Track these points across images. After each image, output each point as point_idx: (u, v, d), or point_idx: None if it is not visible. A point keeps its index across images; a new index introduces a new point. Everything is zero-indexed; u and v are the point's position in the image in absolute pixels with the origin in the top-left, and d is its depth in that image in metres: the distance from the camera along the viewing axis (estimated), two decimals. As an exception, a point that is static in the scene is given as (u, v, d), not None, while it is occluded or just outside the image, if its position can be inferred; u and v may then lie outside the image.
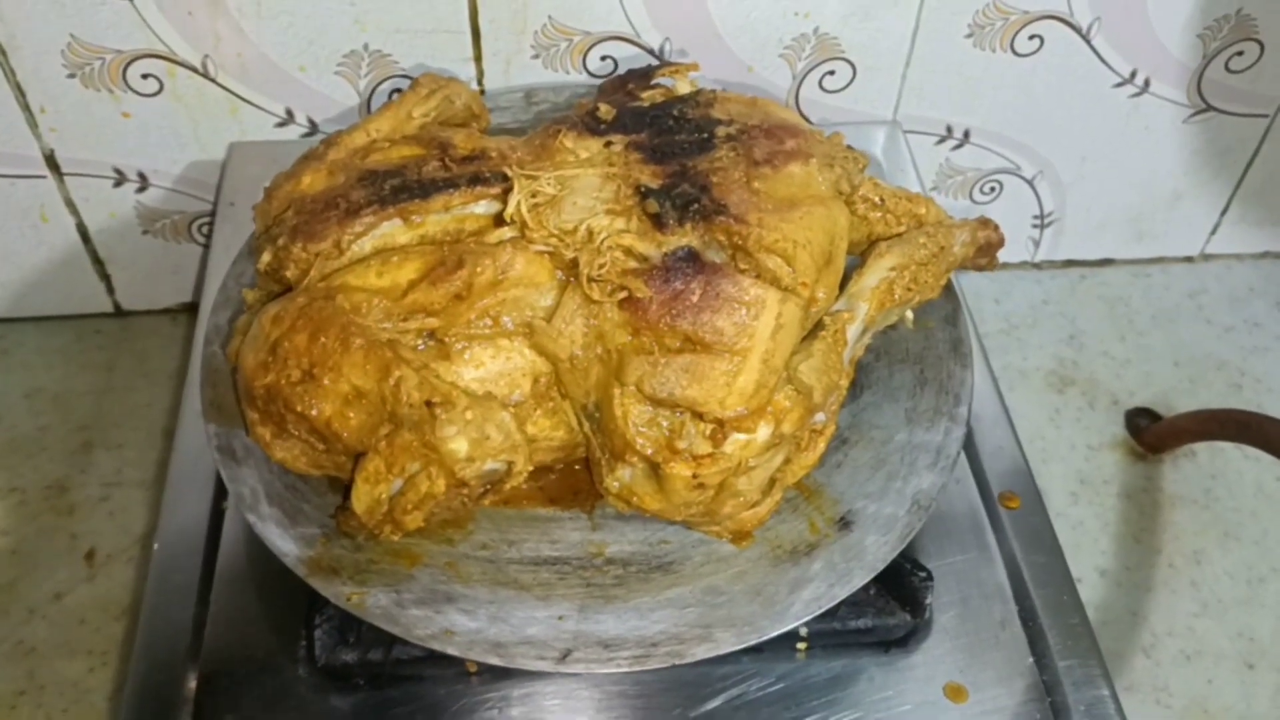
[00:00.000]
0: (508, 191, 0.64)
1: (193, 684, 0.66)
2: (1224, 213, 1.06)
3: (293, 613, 0.68)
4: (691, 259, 0.62)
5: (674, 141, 0.67)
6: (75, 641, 0.81)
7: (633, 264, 0.62)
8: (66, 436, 0.93)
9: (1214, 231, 1.07)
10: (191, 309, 1.01)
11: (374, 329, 0.60)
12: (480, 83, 0.89)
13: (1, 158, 0.89)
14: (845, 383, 0.67)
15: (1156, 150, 1.00)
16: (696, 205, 0.63)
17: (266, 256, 0.65)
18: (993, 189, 1.02)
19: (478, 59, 0.88)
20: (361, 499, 0.60)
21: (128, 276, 0.99)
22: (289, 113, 0.89)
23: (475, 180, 0.65)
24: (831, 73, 0.92)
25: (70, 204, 0.93)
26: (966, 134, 0.97)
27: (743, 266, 0.63)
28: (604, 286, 0.61)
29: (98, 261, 0.97)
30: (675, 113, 0.70)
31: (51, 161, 0.90)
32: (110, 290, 0.99)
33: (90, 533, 0.87)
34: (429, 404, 0.58)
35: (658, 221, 0.62)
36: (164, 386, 0.96)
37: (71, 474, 0.90)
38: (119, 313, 1.01)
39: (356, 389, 0.59)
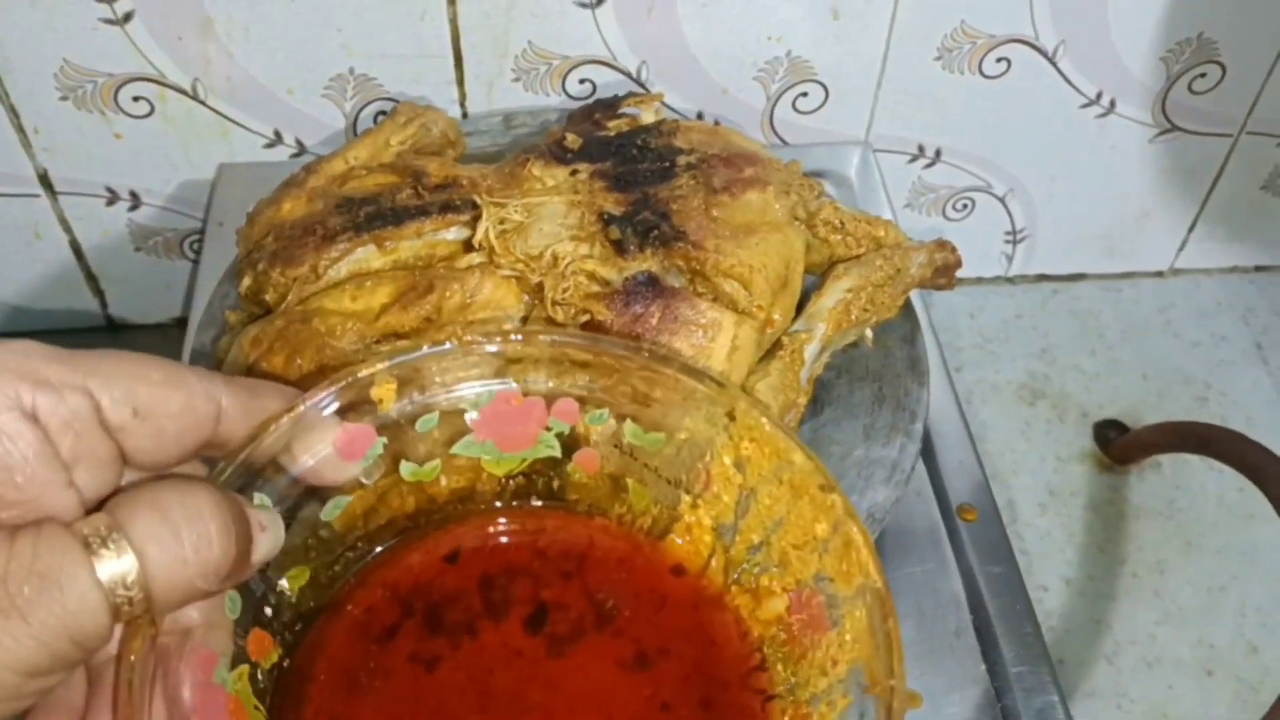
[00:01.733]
0: (477, 218, 0.66)
1: None
2: (1191, 229, 1.08)
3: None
4: (651, 283, 0.64)
5: (637, 170, 0.69)
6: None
7: (595, 288, 0.64)
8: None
9: (1182, 247, 1.09)
10: (182, 323, 1.03)
11: (348, 351, 0.62)
12: (463, 105, 0.91)
13: (-5, 177, 0.91)
14: (803, 400, 0.69)
15: (1124, 169, 1.02)
16: (656, 232, 0.65)
17: (247, 281, 0.67)
18: (965, 206, 1.04)
19: (460, 82, 0.90)
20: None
21: (120, 292, 1.01)
22: (277, 134, 0.91)
23: (446, 208, 0.67)
24: (804, 94, 0.94)
25: (64, 222, 0.95)
26: (938, 153, 1.00)
27: (700, 290, 0.65)
28: (568, 309, 0.64)
29: (91, 277, 0.99)
30: (639, 142, 0.72)
31: (45, 181, 0.92)
32: (103, 305, 1.02)
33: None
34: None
35: (619, 247, 0.65)
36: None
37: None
38: (112, 327, 1.03)
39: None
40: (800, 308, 0.70)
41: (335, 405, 0.53)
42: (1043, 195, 1.03)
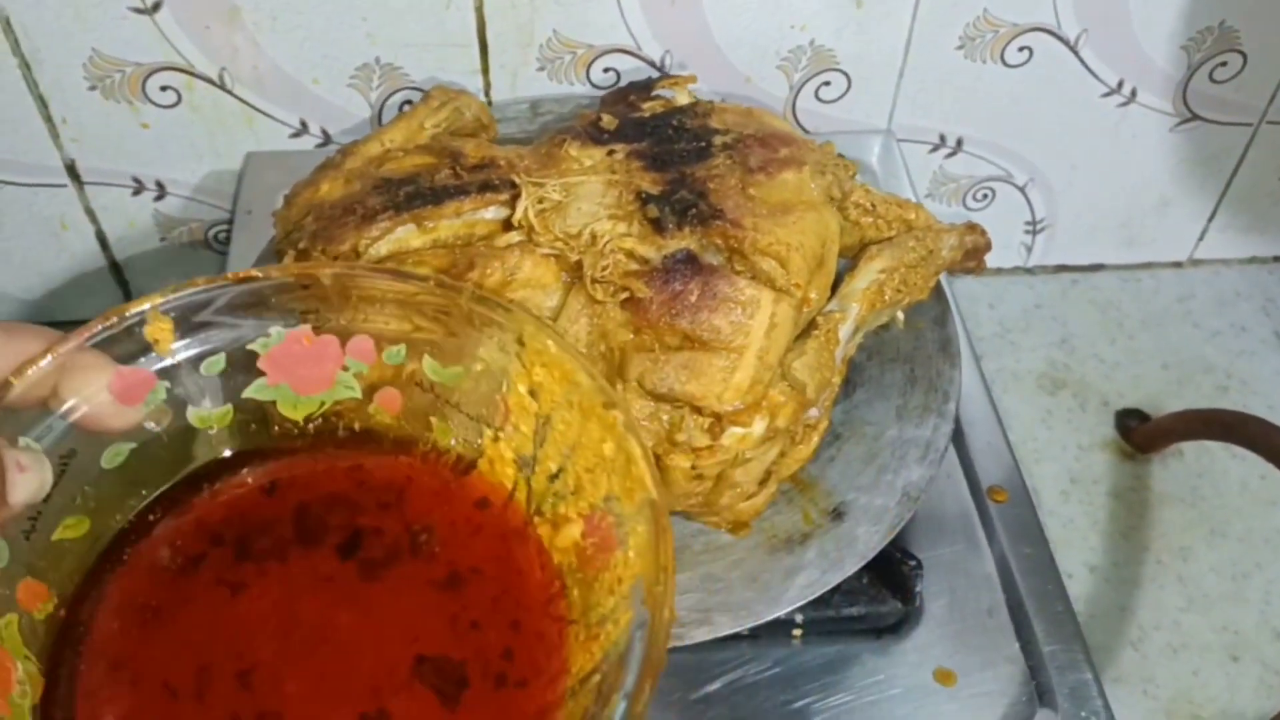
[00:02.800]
0: (515, 198, 0.67)
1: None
2: (1211, 219, 1.08)
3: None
4: (690, 261, 0.64)
5: (673, 150, 0.70)
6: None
7: (634, 266, 0.64)
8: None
9: (1201, 237, 1.10)
10: (207, 314, 1.04)
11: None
12: (487, 94, 0.92)
13: (24, 167, 0.91)
14: (838, 380, 0.69)
15: (1144, 158, 1.03)
16: (694, 210, 0.65)
17: (288, 260, 0.67)
18: (985, 196, 1.04)
19: (485, 71, 0.90)
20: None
21: (145, 282, 1.01)
22: (303, 124, 0.92)
23: (485, 187, 0.67)
24: (827, 84, 0.95)
25: (90, 212, 0.95)
26: (959, 142, 1.00)
27: (738, 268, 0.65)
28: (607, 287, 0.64)
29: (116, 268, 1.00)
30: (674, 122, 0.72)
31: (72, 171, 0.92)
32: (127, 295, 1.02)
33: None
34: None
35: (657, 226, 0.65)
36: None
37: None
38: (137, 318, 1.04)
39: (372, 386, 0.62)
40: (834, 289, 0.71)
41: (102, 345, 0.51)
42: (1063, 184, 1.04)
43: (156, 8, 0.83)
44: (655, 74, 0.91)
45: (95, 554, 0.53)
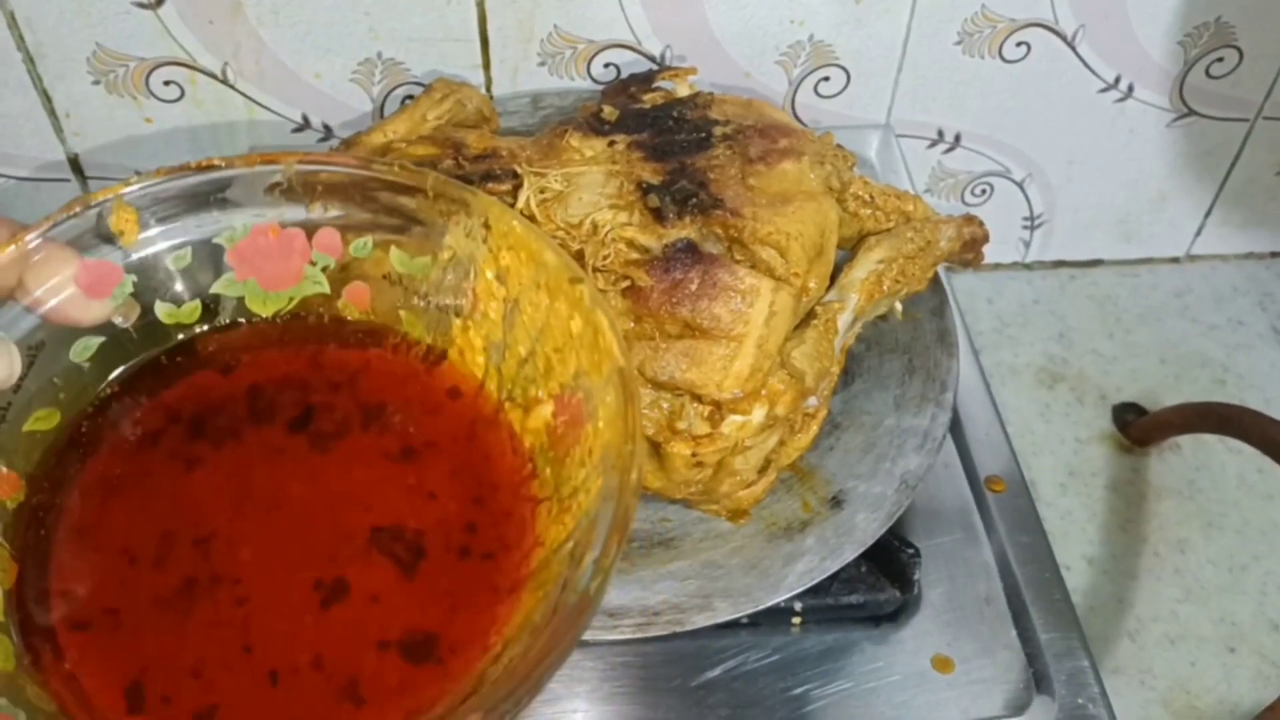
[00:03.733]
0: (518, 188, 0.67)
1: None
2: (1208, 214, 1.09)
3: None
4: (690, 250, 0.65)
5: (673, 140, 0.70)
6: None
7: (635, 255, 0.65)
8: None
9: (1199, 233, 1.10)
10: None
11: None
12: (489, 89, 0.92)
13: (27, 161, 0.92)
14: (837, 369, 0.70)
15: (1142, 154, 1.03)
16: (695, 200, 0.66)
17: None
18: (983, 191, 1.05)
19: (486, 66, 0.91)
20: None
21: (148, 277, 1.02)
22: (305, 118, 0.92)
23: (487, 177, 0.68)
24: (826, 78, 0.95)
25: (94, 207, 0.96)
26: (957, 138, 1.00)
27: (738, 257, 0.66)
28: (608, 276, 0.65)
29: (120, 263, 1.00)
30: (675, 114, 0.73)
31: (75, 165, 0.93)
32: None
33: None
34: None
35: (658, 215, 0.66)
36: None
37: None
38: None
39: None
40: (833, 279, 0.71)
41: (68, 238, 0.52)
42: (1060, 180, 1.04)
43: (160, 2, 0.83)
44: (655, 68, 0.92)
45: (64, 440, 0.54)
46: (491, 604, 0.50)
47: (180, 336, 0.58)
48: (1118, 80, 0.97)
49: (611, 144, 0.70)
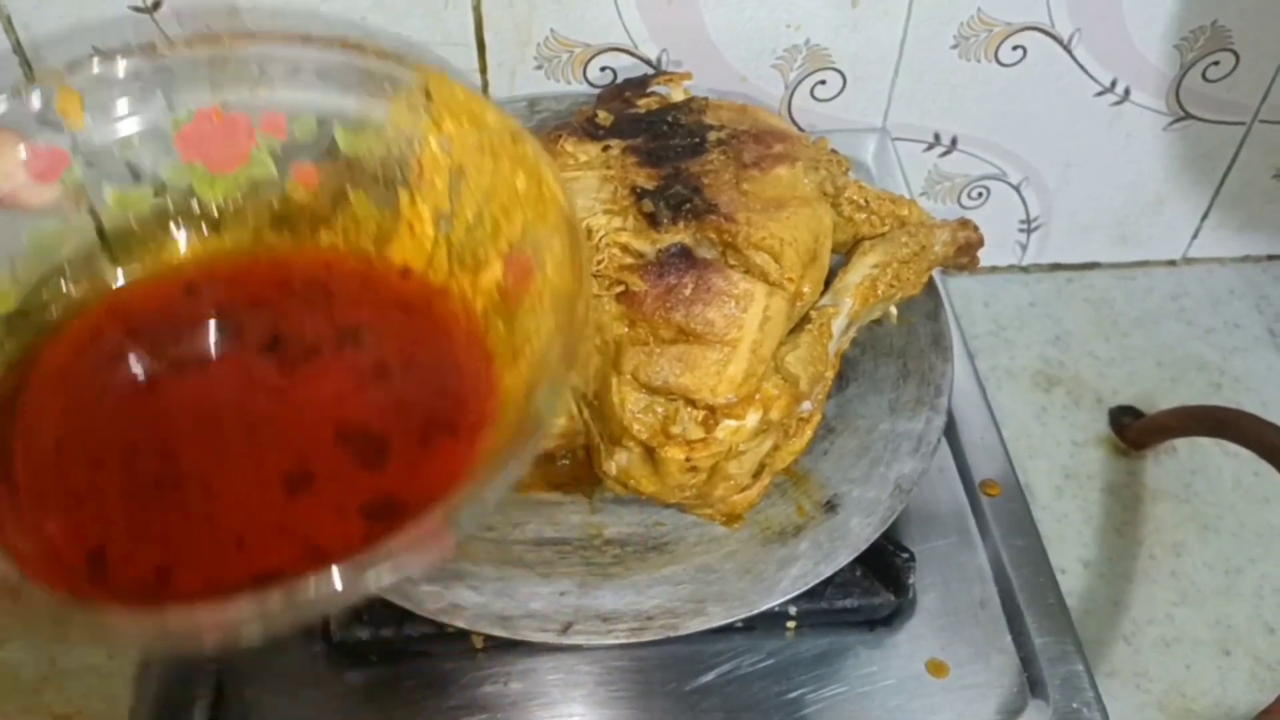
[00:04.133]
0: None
1: (213, 663, 0.70)
2: (1204, 217, 1.09)
3: (308, 594, 0.71)
4: (684, 255, 0.65)
5: (668, 146, 0.70)
6: (96, 629, 0.83)
7: (629, 260, 0.65)
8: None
9: (1195, 236, 1.10)
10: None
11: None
12: (486, 93, 0.92)
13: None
14: (831, 374, 0.70)
15: (1138, 157, 1.03)
16: (689, 205, 0.66)
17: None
18: (980, 194, 1.05)
19: (483, 70, 0.91)
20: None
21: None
22: (302, 122, 0.92)
23: (481, 182, 0.68)
24: (823, 82, 0.95)
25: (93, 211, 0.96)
26: (954, 141, 1.01)
27: (732, 262, 0.66)
28: (602, 281, 0.65)
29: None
30: (669, 119, 0.73)
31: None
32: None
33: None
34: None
35: (652, 220, 0.66)
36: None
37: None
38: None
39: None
40: (827, 284, 0.71)
41: (13, 122, 0.52)
42: (1057, 183, 1.04)
43: (157, 6, 0.83)
44: (650, 72, 0.92)
45: (28, 332, 0.55)
46: (451, 461, 0.52)
47: (133, 226, 0.59)
48: (1114, 84, 0.97)
49: (606, 149, 0.70)
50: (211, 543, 0.50)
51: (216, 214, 0.60)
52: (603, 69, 0.92)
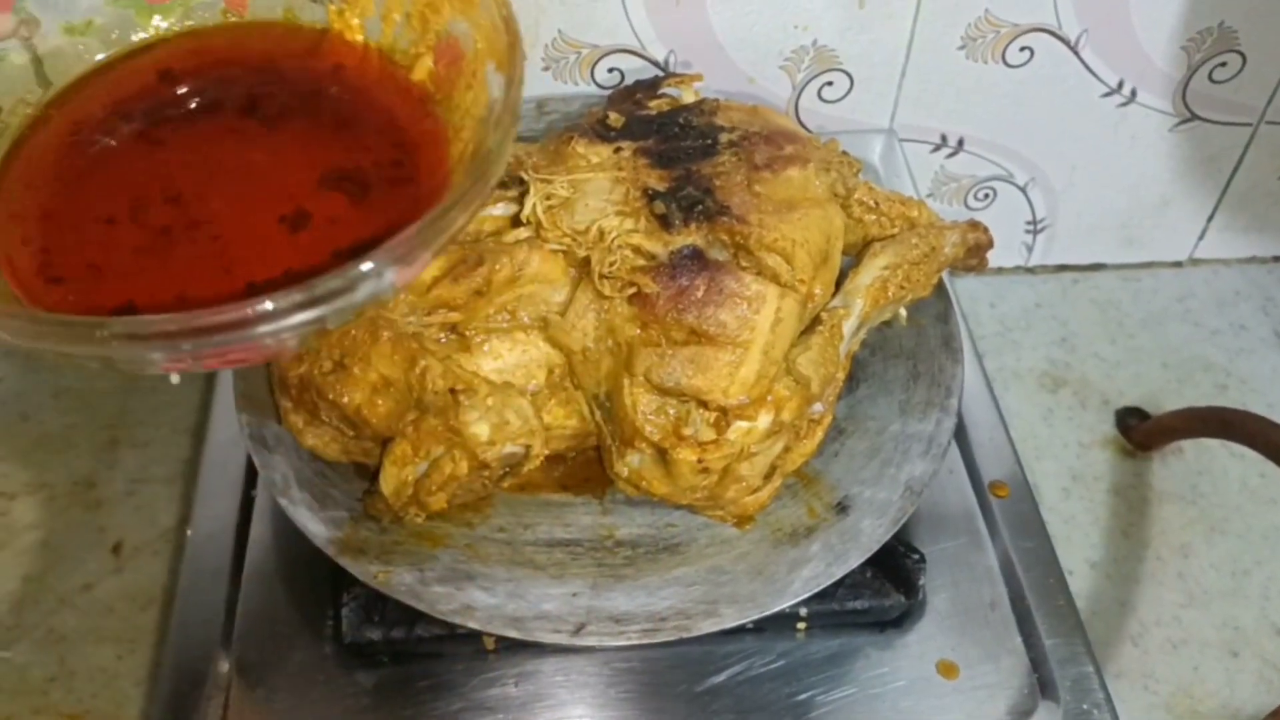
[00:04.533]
0: (524, 194, 0.68)
1: (225, 663, 0.70)
2: (1210, 219, 1.09)
3: (319, 595, 0.71)
4: (696, 257, 0.65)
5: (679, 147, 0.70)
6: (104, 630, 0.83)
7: (641, 262, 0.65)
8: (93, 434, 0.96)
9: (1201, 237, 1.10)
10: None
11: (400, 322, 0.63)
12: (493, 94, 0.92)
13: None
14: (841, 375, 0.70)
15: (1144, 158, 1.03)
16: (701, 207, 0.66)
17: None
18: (986, 195, 1.05)
19: (491, 71, 0.91)
20: (389, 481, 0.64)
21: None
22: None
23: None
24: (830, 83, 0.95)
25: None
26: (960, 142, 1.01)
27: (744, 264, 0.66)
28: (614, 283, 0.65)
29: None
30: (680, 120, 0.73)
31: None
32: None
33: (117, 526, 0.89)
34: (453, 391, 0.61)
35: (664, 222, 0.66)
36: (185, 386, 0.99)
37: (99, 470, 0.93)
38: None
39: (384, 378, 0.63)
40: (838, 285, 0.71)
41: None
42: (1063, 185, 1.04)
43: (166, 7, 0.84)
44: (660, 74, 0.92)
45: (9, 138, 0.58)
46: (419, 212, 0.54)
47: (82, 55, 0.62)
48: (1121, 85, 0.97)
49: (617, 150, 0.70)
50: (228, 291, 0.53)
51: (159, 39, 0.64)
52: (610, 70, 0.92)
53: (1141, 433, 0.98)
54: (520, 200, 0.68)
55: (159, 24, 0.63)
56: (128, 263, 0.53)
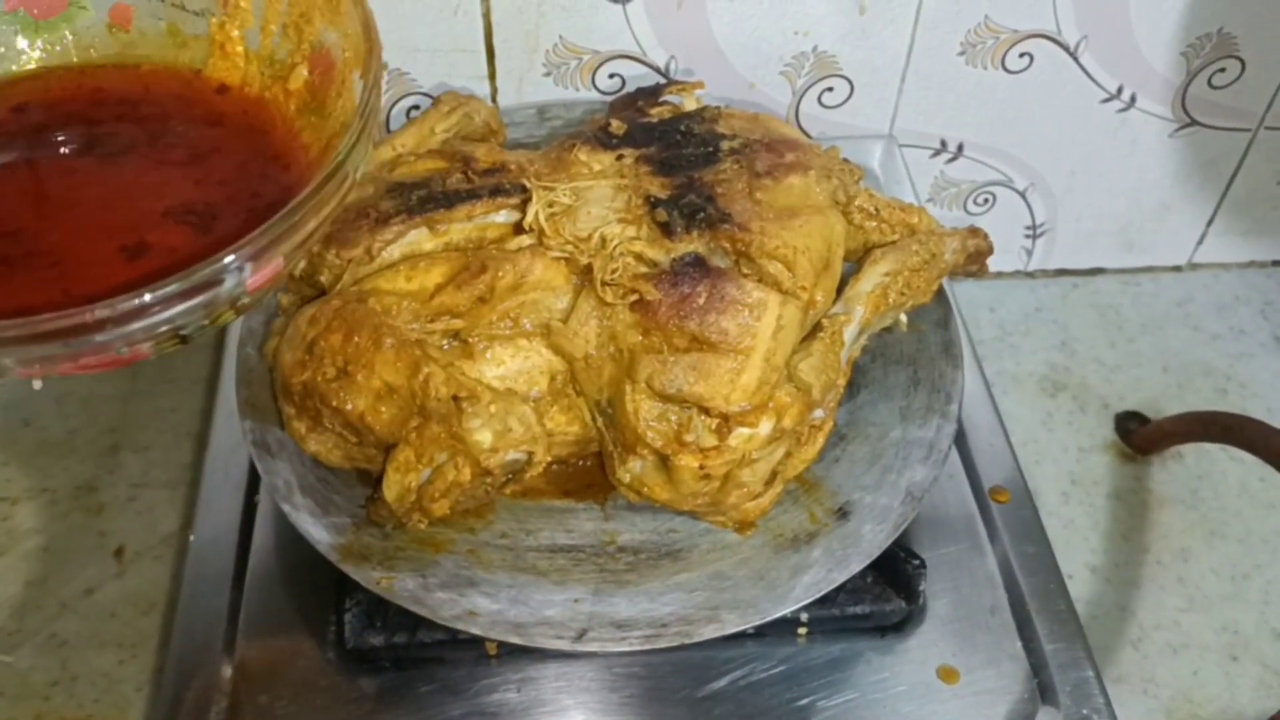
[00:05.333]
0: (526, 202, 0.68)
1: (227, 668, 0.70)
2: (1210, 223, 1.09)
3: (321, 601, 0.71)
4: (698, 264, 0.65)
5: (681, 155, 0.71)
6: (105, 634, 0.84)
7: (643, 269, 0.65)
8: (95, 439, 0.96)
9: (1200, 242, 1.11)
10: (215, 317, 1.04)
11: (403, 329, 0.64)
12: (494, 100, 0.92)
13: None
14: (842, 381, 0.70)
15: (1144, 163, 1.03)
16: (703, 214, 0.66)
17: (302, 263, 0.68)
18: (986, 200, 1.05)
19: (492, 77, 0.91)
20: (392, 487, 0.64)
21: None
22: (311, 128, 0.93)
23: (496, 191, 0.68)
24: (830, 89, 0.95)
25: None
26: (960, 147, 1.01)
27: (746, 271, 0.66)
28: (616, 290, 0.65)
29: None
30: (682, 128, 0.73)
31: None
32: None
33: (119, 531, 0.89)
34: (456, 398, 0.61)
35: (666, 229, 0.66)
36: (187, 391, 0.99)
37: (100, 475, 0.93)
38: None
39: (388, 384, 0.63)
40: (838, 292, 0.71)
41: None
42: (1063, 190, 1.05)
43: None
44: (660, 80, 0.92)
45: None
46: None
47: None
48: (1120, 90, 0.97)
49: (619, 158, 0.70)
50: (65, 305, 0.52)
51: (41, 53, 0.66)
52: (611, 76, 0.92)
53: (1141, 437, 0.98)
54: (523, 208, 0.68)
55: (40, 52, 0.66)
56: None
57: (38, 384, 0.59)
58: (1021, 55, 0.94)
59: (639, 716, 0.68)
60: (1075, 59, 0.94)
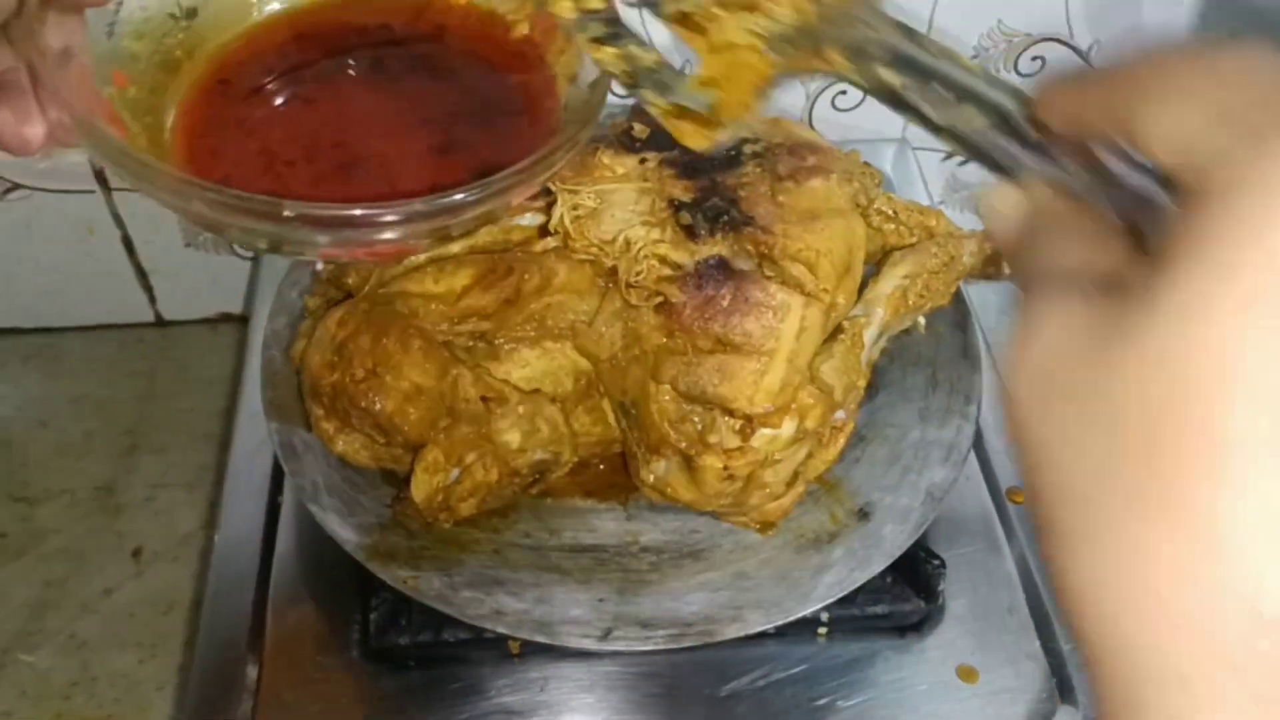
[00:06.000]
0: (551, 205, 0.68)
1: (253, 667, 0.70)
2: (1218, 226, 1.09)
3: (345, 601, 0.72)
4: (722, 267, 0.66)
5: (704, 158, 0.71)
6: (125, 635, 0.84)
7: (667, 271, 0.66)
8: (112, 440, 0.97)
9: (1209, 244, 1.11)
10: (230, 319, 1.05)
11: (431, 331, 0.64)
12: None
13: (54, 173, 0.93)
14: (863, 383, 0.71)
15: (1154, 167, 1.04)
16: (726, 217, 0.67)
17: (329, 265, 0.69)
18: (997, 203, 1.06)
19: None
20: (420, 487, 0.65)
21: (170, 288, 1.03)
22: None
23: (520, 194, 0.69)
24: (844, 92, 0.96)
25: (117, 217, 0.96)
26: (972, 151, 1.01)
27: (769, 274, 0.67)
28: (641, 292, 0.66)
29: (141, 273, 1.01)
30: (704, 131, 0.74)
31: (100, 177, 0.93)
32: (152, 301, 1.03)
33: (137, 532, 0.90)
34: (484, 399, 0.62)
35: (690, 232, 0.66)
36: (204, 393, 1.00)
37: (118, 476, 0.94)
38: (160, 322, 1.05)
39: (417, 386, 0.63)
40: (858, 294, 0.72)
41: None
42: (1073, 192, 1.05)
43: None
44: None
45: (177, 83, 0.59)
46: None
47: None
48: (1131, 94, 0.97)
49: (643, 161, 0.71)
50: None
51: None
52: (628, 79, 0.93)
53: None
54: (548, 210, 0.68)
55: None
56: (306, 191, 0.56)
57: (320, 265, 0.60)
58: (1034, 59, 0.94)
59: (660, 715, 0.69)
60: (1088, 63, 0.95)
